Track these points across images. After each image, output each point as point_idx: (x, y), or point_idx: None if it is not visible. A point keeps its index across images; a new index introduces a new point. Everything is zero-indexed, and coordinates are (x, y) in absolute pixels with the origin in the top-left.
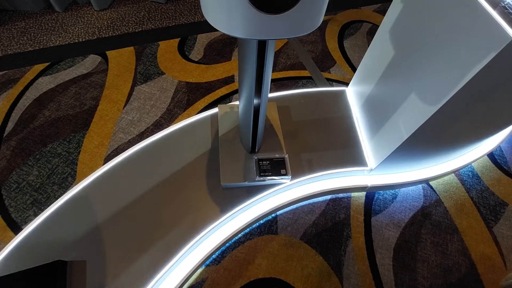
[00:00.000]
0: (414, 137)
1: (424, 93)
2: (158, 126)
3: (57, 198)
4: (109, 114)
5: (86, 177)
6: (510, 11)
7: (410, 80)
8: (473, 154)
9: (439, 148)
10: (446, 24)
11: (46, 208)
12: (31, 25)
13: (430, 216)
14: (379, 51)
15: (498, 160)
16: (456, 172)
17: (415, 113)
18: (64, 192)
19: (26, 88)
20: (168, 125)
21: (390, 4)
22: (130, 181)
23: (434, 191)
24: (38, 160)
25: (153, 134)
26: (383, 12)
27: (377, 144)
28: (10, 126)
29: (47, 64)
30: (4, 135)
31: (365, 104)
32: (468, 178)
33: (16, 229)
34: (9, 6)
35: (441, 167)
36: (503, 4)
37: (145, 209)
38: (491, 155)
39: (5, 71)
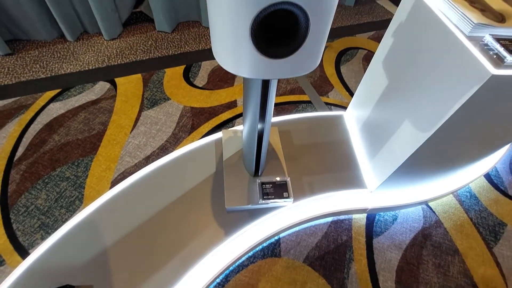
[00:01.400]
0: (410, 161)
1: (417, 121)
2: (163, 150)
3: (64, 222)
4: (116, 139)
5: (93, 200)
6: (490, 47)
7: (403, 108)
8: (470, 175)
9: (436, 170)
10: (433, 59)
11: (53, 231)
12: (44, 53)
13: (430, 237)
14: (374, 79)
15: (495, 181)
16: (454, 193)
17: (409, 138)
18: (71, 215)
19: (37, 113)
20: (173, 149)
21: (384, 32)
22: (135, 205)
23: (434, 212)
24: (47, 184)
25: (158, 158)
26: (377, 39)
27: (375, 167)
28: (20, 150)
29: (58, 90)
30: (15, 159)
31: (363, 128)
32: (466, 199)
33: (23, 253)
34: (23, 36)
35: (439, 188)
36: (484, 42)
37: (150, 232)
38: (487, 176)
39: (17, 98)
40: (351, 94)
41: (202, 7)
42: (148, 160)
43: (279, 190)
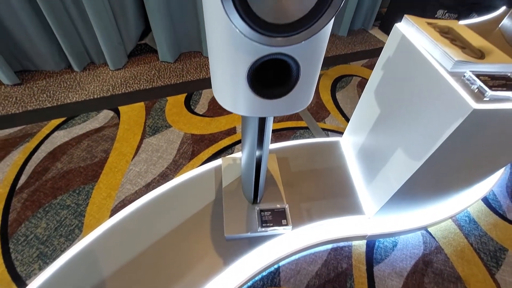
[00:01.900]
0: (405, 188)
1: (408, 149)
2: (164, 177)
3: (63, 251)
4: (118, 166)
5: (92, 229)
6: (471, 82)
7: (395, 136)
8: (468, 199)
9: (432, 195)
10: (419, 92)
11: (51, 261)
12: (51, 83)
13: (431, 264)
14: (367, 107)
15: (493, 204)
16: (453, 217)
17: (402, 166)
18: (70, 244)
19: (42, 141)
20: (173, 176)
21: (376, 59)
22: (134, 234)
23: (433, 237)
24: (47, 213)
25: (159, 185)
26: (370, 66)
27: (373, 193)
28: (23, 179)
29: (63, 119)
30: (17, 187)
31: (358, 154)
32: (465, 224)
33: (21, 284)
34: (32, 66)
35: (438, 213)
36: (465, 77)
37: (149, 262)
38: (485, 200)
39: (23, 126)
40: (347, 120)
41: (203, 38)
42: (148, 187)
43: (277, 218)
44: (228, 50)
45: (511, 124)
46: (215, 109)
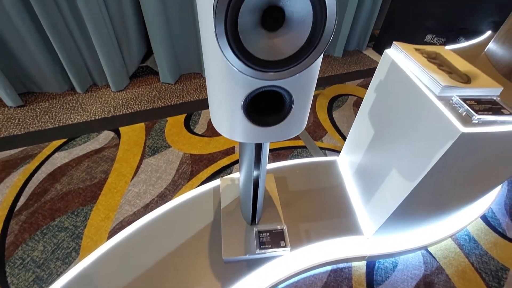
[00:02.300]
0: (402, 207)
1: (403, 170)
2: (162, 197)
3: (59, 275)
4: (117, 187)
5: (89, 252)
6: (459, 106)
7: (390, 157)
8: (467, 217)
9: (430, 214)
10: (410, 115)
11: (47, 285)
12: (54, 105)
13: (433, 285)
14: (362, 127)
15: (492, 222)
16: (452, 236)
17: (398, 186)
18: (67, 268)
19: (42, 163)
20: (172, 196)
21: (371, 79)
22: (132, 257)
23: (434, 257)
24: (45, 235)
25: (157, 206)
26: (365, 86)
27: (371, 212)
28: (22, 200)
29: (64, 140)
30: (16, 209)
31: (355, 173)
32: (465, 243)
33: None
34: (36, 88)
35: (438, 232)
36: (453, 101)
37: (147, 285)
38: (484, 217)
39: (24, 147)
40: (344, 138)
41: (203, 60)
42: (146, 208)
43: (276, 239)
44: (225, 82)
45: (500, 146)
46: (214, 129)
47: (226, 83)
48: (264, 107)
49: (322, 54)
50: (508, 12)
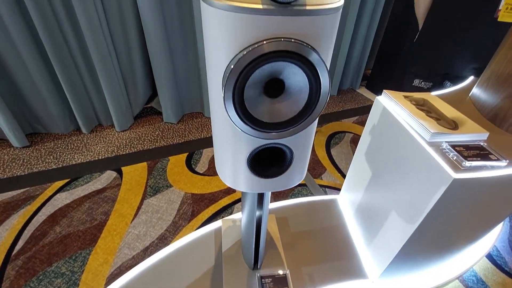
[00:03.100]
0: (405, 250)
1: (402, 213)
2: (162, 240)
3: None
4: (117, 229)
5: None
6: (448, 152)
7: (388, 198)
8: (472, 257)
9: (435, 255)
10: (403, 160)
11: None
12: (59, 145)
13: None
14: (360, 167)
15: (498, 261)
16: (459, 277)
17: (399, 228)
18: None
19: (43, 204)
20: (172, 238)
21: (366, 116)
22: None
23: None
24: (41, 281)
25: (157, 249)
26: (361, 123)
27: (374, 255)
28: (20, 244)
29: (66, 180)
30: (13, 253)
31: (356, 213)
32: (473, 284)
33: None
34: (42, 129)
35: (444, 273)
36: (442, 147)
37: None
38: (489, 256)
39: (27, 188)
40: (343, 176)
41: (204, 100)
42: (146, 251)
43: (279, 285)
44: (230, 140)
45: (492, 189)
46: (215, 168)
47: (232, 141)
48: (267, 160)
49: (318, 118)
50: (486, 60)
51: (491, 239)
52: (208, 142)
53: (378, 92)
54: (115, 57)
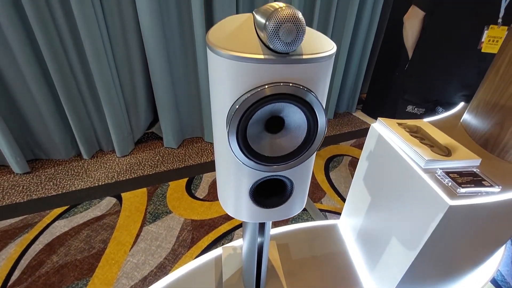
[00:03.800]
0: (409, 276)
1: (402, 239)
2: (161, 268)
3: None
4: (115, 258)
5: None
6: (443, 178)
7: (388, 224)
8: (477, 282)
9: (439, 281)
10: (400, 187)
11: None
12: (59, 171)
13: None
14: (359, 192)
15: (503, 286)
16: None
17: (401, 255)
18: None
19: (41, 232)
20: (171, 267)
21: (363, 139)
22: None
23: None
24: None
25: (155, 279)
26: (358, 146)
27: (377, 281)
28: (16, 274)
29: (66, 207)
30: (8, 284)
31: (357, 239)
32: None
33: None
34: (44, 156)
35: None
36: (437, 173)
37: None
38: (494, 282)
39: (25, 216)
40: (343, 199)
41: (205, 125)
42: (144, 282)
43: None
44: (233, 173)
45: (490, 214)
46: (215, 193)
47: (234, 173)
48: (268, 191)
49: (315, 152)
50: (474, 88)
51: (494, 263)
52: (208, 167)
53: (373, 115)
54: (118, 84)
